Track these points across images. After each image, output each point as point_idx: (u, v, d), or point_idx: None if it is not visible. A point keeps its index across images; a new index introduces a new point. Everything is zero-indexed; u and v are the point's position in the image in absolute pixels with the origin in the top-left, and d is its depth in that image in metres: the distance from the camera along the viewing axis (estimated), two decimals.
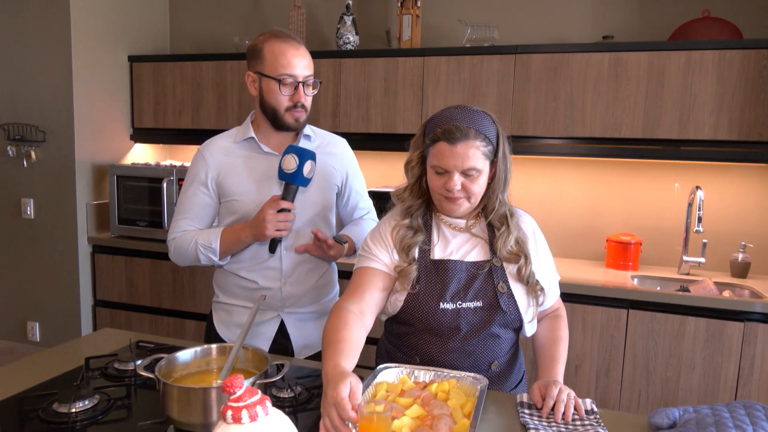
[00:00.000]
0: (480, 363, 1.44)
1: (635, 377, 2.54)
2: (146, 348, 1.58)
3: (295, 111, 1.65)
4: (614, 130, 2.74)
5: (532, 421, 1.23)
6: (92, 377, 1.42)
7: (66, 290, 3.39)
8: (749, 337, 2.39)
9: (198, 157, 1.73)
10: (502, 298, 1.39)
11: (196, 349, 1.25)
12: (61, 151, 3.29)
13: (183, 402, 1.07)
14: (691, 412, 1.25)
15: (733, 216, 2.93)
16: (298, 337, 1.76)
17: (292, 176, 1.57)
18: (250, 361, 1.24)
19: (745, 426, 1.17)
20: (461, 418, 1.18)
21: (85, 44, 3.27)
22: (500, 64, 2.86)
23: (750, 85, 2.56)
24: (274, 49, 1.62)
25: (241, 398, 0.70)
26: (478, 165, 1.35)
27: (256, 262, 1.71)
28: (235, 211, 1.70)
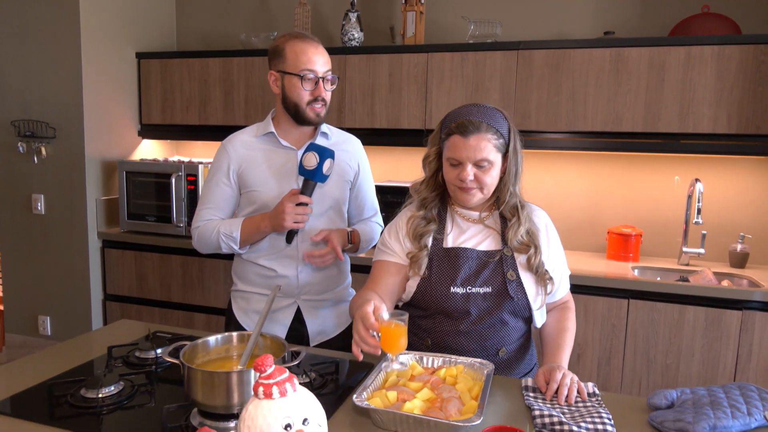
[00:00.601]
0: (488, 348, 1.50)
1: (636, 365, 2.60)
2: (164, 338, 1.65)
3: (316, 105, 1.74)
4: (615, 124, 2.80)
5: (536, 403, 1.29)
6: (115, 365, 1.48)
7: (76, 284, 3.46)
8: (747, 325, 2.45)
9: (221, 151, 1.82)
10: (510, 285, 1.46)
11: (217, 337, 1.31)
12: (71, 147, 3.34)
13: (207, 385, 1.13)
14: (688, 393, 1.31)
15: (732, 207, 2.99)
16: (313, 323, 1.84)
17: (312, 172, 1.65)
18: (268, 348, 1.30)
19: (739, 405, 1.23)
20: (469, 400, 1.24)
21: (93, 41, 3.32)
22: (503, 59, 2.91)
23: (748, 80, 2.61)
24: (295, 48, 1.72)
25: (271, 376, 0.76)
26: (489, 157, 1.43)
27: (274, 251, 1.80)
28: (254, 201, 1.79)
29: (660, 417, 1.22)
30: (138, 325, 1.84)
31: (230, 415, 1.16)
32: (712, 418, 1.18)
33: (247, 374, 1.14)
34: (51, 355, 1.56)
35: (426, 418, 1.14)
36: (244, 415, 0.78)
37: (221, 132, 3.46)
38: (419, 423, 1.15)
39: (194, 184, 3.21)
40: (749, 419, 1.20)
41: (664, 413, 1.24)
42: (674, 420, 1.19)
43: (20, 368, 1.46)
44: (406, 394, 1.25)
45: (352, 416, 1.24)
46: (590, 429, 1.17)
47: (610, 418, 1.22)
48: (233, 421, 1.16)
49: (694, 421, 1.17)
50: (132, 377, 1.40)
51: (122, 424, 1.19)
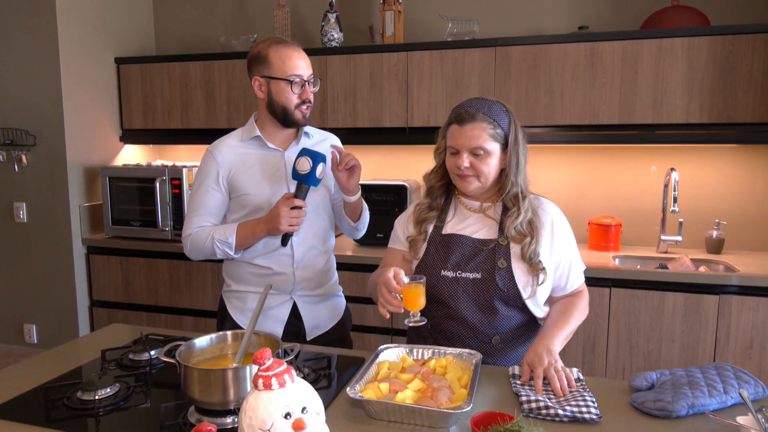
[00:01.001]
0: (481, 335, 1.55)
1: (619, 351, 2.67)
2: (156, 340, 1.66)
3: (303, 107, 1.80)
4: (592, 117, 2.86)
5: (523, 389, 1.34)
6: (109, 368, 1.50)
7: (62, 291, 3.44)
8: (724, 308, 2.53)
9: (208, 158, 1.84)
10: (498, 273, 1.51)
11: (212, 336, 1.33)
12: (52, 154, 3.33)
13: (204, 383, 1.15)
14: (667, 374, 1.37)
15: (707, 195, 3.07)
16: (309, 318, 1.89)
17: (305, 177, 1.70)
18: (261, 346, 1.33)
19: (716, 384, 1.29)
20: (459, 389, 1.28)
21: (71, 47, 3.30)
22: (481, 56, 2.96)
23: (718, 70, 2.69)
24: (280, 53, 1.76)
25: (270, 368, 0.79)
26: (485, 145, 1.50)
27: (269, 250, 1.83)
28: (246, 205, 1.82)
29: (641, 398, 1.28)
30: (129, 329, 1.86)
31: (226, 411, 1.19)
32: (690, 397, 1.24)
33: (242, 371, 1.17)
34: (44, 360, 1.57)
35: (418, 407, 1.18)
36: (245, 406, 0.81)
37: (204, 135, 3.50)
38: (411, 412, 1.19)
39: (179, 188, 3.21)
40: (725, 397, 1.26)
41: (644, 394, 1.29)
42: (654, 400, 1.25)
43: (13, 374, 1.47)
44: (398, 386, 1.29)
45: (346, 408, 1.28)
46: (574, 411, 1.22)
47: (594, 401, 1.26)
48: (230, 416, 1.19)
49: (673, 400, 1.23)
50: (126, 379, 1.42)
51: (120, 425, 1.22)
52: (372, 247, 3.08)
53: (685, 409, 1.21)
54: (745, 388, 1.27)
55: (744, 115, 2.68)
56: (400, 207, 2.98)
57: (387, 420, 1.22)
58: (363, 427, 1.20)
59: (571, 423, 1.21)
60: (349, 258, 2.92)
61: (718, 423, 1.19)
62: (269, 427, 0.78)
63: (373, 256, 2.90)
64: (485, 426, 1.10)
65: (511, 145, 1.54)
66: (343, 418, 1.23)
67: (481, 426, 1.10)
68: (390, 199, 3.02)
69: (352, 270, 2.93)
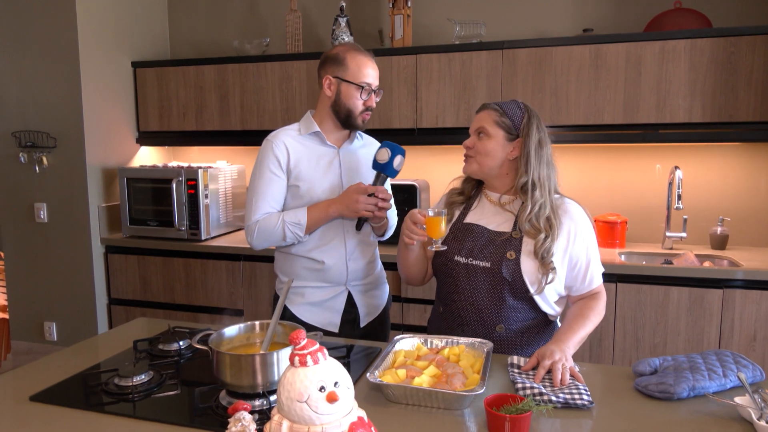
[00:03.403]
0: (486, 321, 1.63)
1: (625, 345, 2.74)
2: (183, 332, 1.75)
3: (366, 114, 1.91)
4: (597, 117, 2.93)
5: (519, 377, 1.40)
6: (141, 357, 1.59)
7: (81, 290, 3.54)
8: (728, 302, 2.60)
9: (270, 147, 1.91)
10: (506, 264, 1.58)
11: (240, 326, 1.42)
12: (72, 156, 3.43)
13: (235, 368, 1.24)
14: (669, 360, 1.44)
15: (711, 192, 3.13)
16: (363, 306, 2.01)
17: (383, 166, 1.82)
18: (285, 335, 1.41)
19: (715, 368, 1.37)
20: (472, 374, 1.35)
21: (91, 52, 3.40)
22: (488, 59, 3.04)
23: (720, 70, 2.76)
24: (357, 60, 1.87)
25: (305, 347, 0.87)
26: (487, 126, 1.63)
27: (323, 243, 1.93)
28: (300, 196, 1.91)
29: (644, 381, 1.35)
30: (155, 322, 1.94)
31: (255, 394, 1.27)
32: (691, 380, 1.31)
33: (270, 357, 1.25)
34: (79, 351, 1.66)
35: (435, 390, 1.26)
36: (283, 381, 0.89)
37: (218, 137, 3.59)
38: (428, 395, 1.27)
39: (194, 189, 3.30)
40: (725, 380, 1.33)
41: (647, 378, 1.36)
42: (657, 383, 1.32)
43: (51, 364, 1.56)
44: (414, 372, 1.36)
45: (366, 392, 1.36)
46: (567, 398, 1.28)
47: (587, 389, 1.33)
48: (258, 399, 1.27)
49: (675, 383, 1.30)
50: (158, 367, 1.51)
51: (156, 408, 1.30)
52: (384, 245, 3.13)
53: (687, 391, 1.29)
54: (744, 371, 1.35)
55: (745, 114, 2.75)
56: (410, 206, 3.05)
57: (405, 403, 1.29)
58: (382, 409, 1.28)
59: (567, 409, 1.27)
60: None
61: (717, 404, 1.27)
62: (306, 399, 0.86)
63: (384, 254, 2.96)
64: (498, 407, 1.17)
65: (523, 138, 1.63)
66: (364, 402, 1.31)
67: (494, 406, 1.17)
68: (400, 198, 3.09)
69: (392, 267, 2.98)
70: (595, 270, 1.65)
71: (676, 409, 1.26)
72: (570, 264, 1.62)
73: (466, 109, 3.08)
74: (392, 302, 2.98)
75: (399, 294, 3.01)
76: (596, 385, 1.38)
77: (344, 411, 0.91)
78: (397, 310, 3.02)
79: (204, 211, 3.34)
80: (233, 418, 0.98)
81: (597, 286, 1.67)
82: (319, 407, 0.87)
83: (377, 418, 1.17)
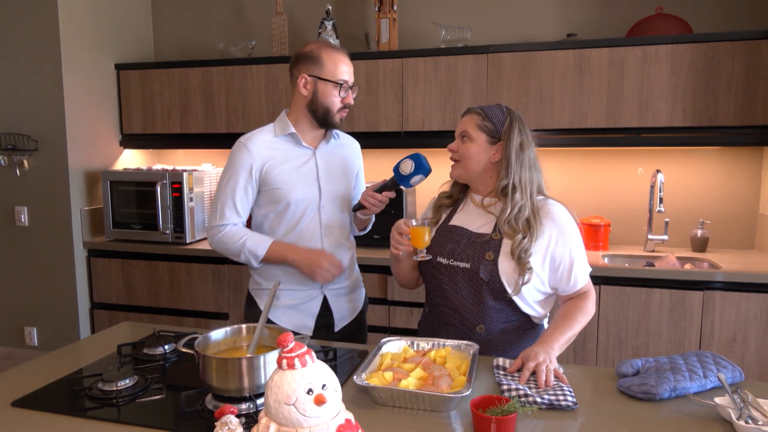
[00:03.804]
0: (466, 321, 1.65)
1: (609, 346, 2.77)
2: (168, 336, 1.74)
3: (343, 112, 1.90)
4: (580, 121, 2.97)
5: (504, 378, 1.41)
6: (125, 362, 1.58)
7: (63, 294, 3.50)
8: (709, 304, 2.64)
9: (242, 150, 1.88)
10: (483, 265, 1.60)
11: (226, 329, 1.42)
12: (54, 158, 3.39)
13: (221, 371, 1.24)
14: (651, 361, 1.46)
15: (692, 196, 3.19)
16: (338, 310, 2.00)
17: (401, 177, 1.83)
18: (272, 338, 1.42)
19: (696, 369, 1.39)
20: (458, 376, 1.37)
21: (73, 54, 3.37)
22: (474, 63, 3.06)
23: (700, 75, 2.81)
24: (333, 57, 1.85)
25: (293, 350, 0.88)
26: (470, 130, 1.68)
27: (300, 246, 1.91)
28: (277, 200, 1.89)
29: (627, 383, 1.37)
30: (140, 326, 1.93)
31: (242, 398, 1.27)
32: (673, 381, 1.34)
33: (256, 360, 1.25)
34: (62, 356, 1.65)
35: (421, 392, 1.27)
36: (271, 384, 0.89)
37: (203, 140, 3.58)
38: (415, 397, 1.28)
39: (179, 192, 3.28)
40: (705, 381, 1.36)
41: (630, 379, 1.39)
42: (639, 384, 1.34)
43: (34, 368, 1.54)
44: (401, 374, 1.37)
45: (353, 394, 1.36)
46: (551, 399, 1.30)
47: (571, 391, 1.34)
48: (245, 403, 1.27)
49: (656, 384, 1.32)
50: (143, 371, 1.50)
51: (141, 413, 1.29)
52: (369, 248, 3.16)
53: (668, 392, 1.31)
54: (723, 372, 1.38)
55: (725, 119, 2.80)
56: (397, 209, 3.07)
57: (392, 405, 1.30)
58: (369, 411, 1.28)
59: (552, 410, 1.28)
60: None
61: (698, 404, 1.29)
62: (294, 402, 0.87)
63: (371, 256, 2.98)
64: (484, 408, 1.18)
65: (504, 141, 1.66)
66: (350, 404, 1.31)
67: (480, 408, 1.19)
68: None
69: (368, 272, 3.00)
70: (580, 270, 1.66)
71: (658, 409, 1.28)
72: (553, 265, 1.63)
73: (452, 112, 3.10)
74: (378, 305, 3.01)
75: (385, 297, 3.02)
76: (580, 387, 1.40)
77: (332, 413, 0.91)
78: (383, 313, 3.03)
79: (189, 214, 3.32)
80: (220, 422, 0.98)
81: (583, 286, 1.68)
82: (306, 410, 0.88)
83: (364, 421, 1.18)
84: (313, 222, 1.93)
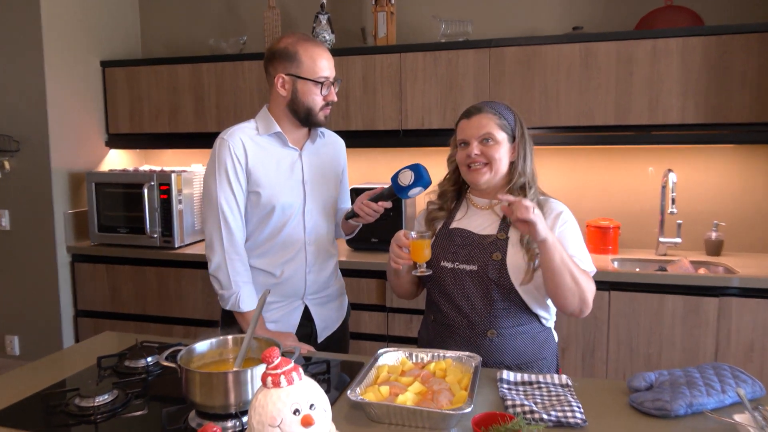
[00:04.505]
0: (477, 327, 1.62)
1: (619, 355, 2.73)
2: (152, 347, 1.70)
3: (326, 109, 1.84)
4: (587, 118, 2.93)
5: (509, 393, 1.38)
6: (105, 375, 1.54)
7: (45, 301, 3.46)
8: (725, 311, 2.59)
9: (225, 147, 1.79)
10: (492, 265, 1.59)
11: (212, 341, 1.38)
12: (36, 160, 3.35)
13: (206, 386, 1.20)
14: (665, 374, 1.42)
15: (705, 196, 3.15)
16: (320, 319, 1.95)
17: (399, 187, 1.77)
18: (261, 350, 1.37)
19: (713, 383, 1.35)
20: (459, 391, 1.33)
21: (56, 51, 3.34)
22: (475, 57, 3.03)
23: (713, 70, 2.77)
24: (311, 53, 1.78)
25: (278, 366, 0.84)
26: (494, 132, 1.64)
27: (282, 252, 1.86)
28: (262, 205, 1.81)
29: (640, 398, 1.33)
30: (122, 337, 1.89)
31: (227, 415, 1.23)
32: (689, 396, 1.30)
33: (243, 374, 1.21)
34: (40, 368, 1.61)
35: (419, 408, 1.23)
36: (254, 404, 0.86)
37: (193, 139, 3.54)
38: (413, 414, 1.24)
39: (167, 194, 3.25)
40: (723, 396, 1.32)
41: (643, 394, 1.34)
42: (653, 400, 1.30)
43: (9, 382, 1.50)
44: (398, 389, 1.33)
45: (347, 411, 1.32)
46: (559, 416, 1.26)
47: (580, 406, 1.30)
48: (230, 420, 1.23)
49: (671, 399, 1.28)
50: (124, 386, 1.46)
51: (120, 430, 1.26)
52: (367, 252, 3.12)
53: (684, 408, 1.27)
54: (743, 387, 1.33)
55: (739, 115, 2.76)
56: (395, 211, 3.03)
57: (388, 423, 1.26)
58: (364, 429, 1.24)
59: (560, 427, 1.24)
60: (343, 264, 2.94)
61: (716, 421, 1.25)
62: (279, 423, 0.83)
63: (368, 261, 2.95)
64: (486, 426, 1.14)
65: (518, 139, 1.68)
66: (344, 422, 1.27)
67: (482, 426, 1.15)
68: None
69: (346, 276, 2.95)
70: (583, 262, 1.62)
71: (673, 427, 1.24)
72: None
73: (452, 110, 3.06)
74: (376, 312, 2.97)
75: (383, 303, 2.98)
76: (589, 402, 1.36)
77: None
78: (381, 321, 2.99)
79: (177, 217, 3.28)
80: None
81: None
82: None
83: None
84: (297, 229, 1.87)
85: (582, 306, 1.56)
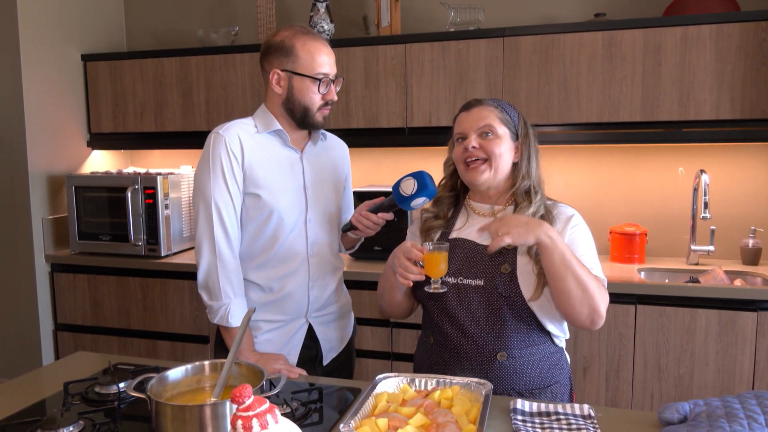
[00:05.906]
0: (484, 349, 1.56)
1: (647, 376, 2.66)
2: (126, 370, 1.64)
3: (325, 109, 1.80)
4: (611, 113, 2.87)
5: (524, 426, 1.32)
6: (72, 403, 1.48)
7: (23, 315, 3.43)
8: (764, 327, 2.52)
9: (220, 144, 1.74)
10: (501, 279, 1.53)
11: (187, 367, 1.32)
12: (12, 161, 3.33)
13: (178, 421, 1.14)
14: (701, 405, 1.34)
15: (741, 199, 3.08)
16: (325, 339, 1.90)
17: (401, 197, 1.69)
18: (244, 377, 1.32)
19: (756, 416, 1.27)
20: (467, 425, 1.26)
21: (34, 45, 3.31)
22: (488, 48, 2.98)
23: (750, 60, 2.70)
24: (308, 47, 1.74)
25: (250, 407, 0.77)
26: (494, 125, 1.61)
27: (282, 266, 1.81)
28: (261, 207, 1.76)
29: None
30: (96, 358, 1.84)
31: None
32: (728, 430, 1.22)
33: (221, 407, 1.15)
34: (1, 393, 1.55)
35: None
36: None
37: (181, 138, 3.51)
38: None
39: (153, 198, 3.21)
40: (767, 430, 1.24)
41: (676, 428, 1.27)
42: None
43: None
44: (398, 421, 1.27)
45: None
46: None
47: None
48: None
49: None
50: (92, 415, 1.40)
51: None
52: (369, 261, 3.07)
53: None
54: None
55: None
56: (399, 216, 2.96)
57: None
58: None
59: None
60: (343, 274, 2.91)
61: None
62: None
63: (370, 271, 2.90)
64: None
65: (522, 139, 1.64)
66: None
67: None
68: None
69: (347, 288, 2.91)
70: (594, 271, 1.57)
71: None
72: None
73: None
74: (380, 327, 2.92)
75: (388, 318, 2.92)
76: None
77: None
78: (385, 337, 2.93)
79: (164, 223, 3.24)
80: None
81: None
82: None
83: None
84: (299, 239, 1.82)
85: (593, 315, 1.50)
